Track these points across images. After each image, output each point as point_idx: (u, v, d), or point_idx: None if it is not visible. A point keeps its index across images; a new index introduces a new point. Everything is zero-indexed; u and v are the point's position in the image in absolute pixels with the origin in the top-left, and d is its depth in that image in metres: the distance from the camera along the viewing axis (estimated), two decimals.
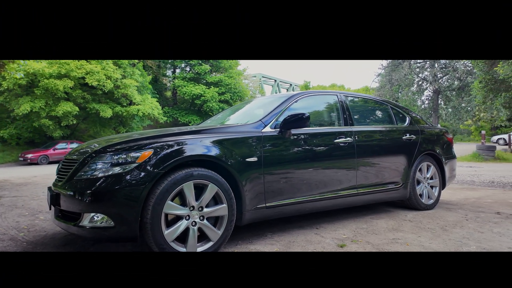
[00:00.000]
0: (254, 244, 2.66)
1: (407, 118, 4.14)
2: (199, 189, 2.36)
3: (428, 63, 28.26)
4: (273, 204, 2.73)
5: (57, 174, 2.64)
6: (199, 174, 2.33)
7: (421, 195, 3.92)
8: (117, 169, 2.17)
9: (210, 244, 2.37)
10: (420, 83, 30.09)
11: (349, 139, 3.27)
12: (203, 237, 2.38)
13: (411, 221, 3.39)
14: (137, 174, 2.15)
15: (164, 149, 2.29)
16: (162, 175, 2.22)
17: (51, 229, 3.20)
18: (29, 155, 16.02)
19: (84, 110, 18.92)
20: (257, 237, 2.84)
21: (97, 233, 2.15)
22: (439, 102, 29.53)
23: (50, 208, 2.52)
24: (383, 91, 29.92)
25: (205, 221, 2.35)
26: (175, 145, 2.34)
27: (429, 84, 29.25)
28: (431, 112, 29.54)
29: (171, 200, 2.23)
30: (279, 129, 2.84)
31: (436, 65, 28.05)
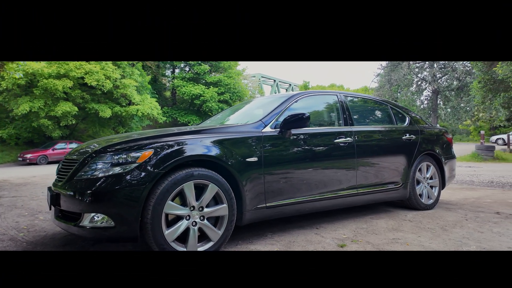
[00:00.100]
0: (254, 244, 2.66)
1: (407, 118, 4.15)
2: (199, 189, 2.36)
3: (427, 63, 28.31)
4: (274, 204, 2.73)
5: (57, 174, 2.63)
6: (199, 174, 2.33)
7: (421, 195, 3.92)
8: (118, 169, 2.17)
9: (210, 244, 2.37)
10: (419, 83, 30.14)
11: (349, 139, 3.27)
12: (203, 237, 2.38)
13: (411, 221, 3.39)
14: (138, 174, 2.15)
15: (164, 149, 2.29)
16: (162, 175, 2.21)
17: (50, 229, 3.19)
18: (28, 155, 16.00)
19: (83, 110, 18.90)
20: (257, 237, 2.84)
21: (97, 233, 2.14)
22: (438, 102, 29.58)
23: (50, 208, 2.52)
24: (382, 91, 29.98)
25: (205, 221, 2.35)
26: (175, 145, 2.34)
27: (428, 84, 29.30)
28: (430, 112, 29.60)
29: (172, 200, 2.23)
30: (279, 129, 2.84)
31: (435, 65, 28.12)
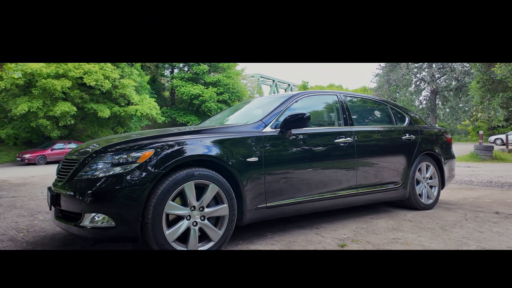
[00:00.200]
0: (254, 244, 2.66)
1: (407, 118, 4.16)
2: (200, 189, 2.35)
3: (425, 63, 28.36)
4: (274, 204, 2.73)
5: (57, 174, 2.63)
6: (200, 174, 2.33)
7: (421, 195, 3.93)
8: (118, 169, 2.16)
9: (211, 244, 2.37)
10: (418, 83, 30.20)
11: (349, 139, 3.27)
12: (204, 237, 2.38)
13: (411, 221, 3.40)
14: (138, 174, 2.15)
15: (165, 149, 2.28)
16: (163, 175, 2.21)
17: (50, 230, 3.19)
18: (27, 155, 15.95)
19: (82, 110, 18.86)
20: (258, 237, 2.84)
21: (98, 234, 2.14)
22: (437, 102, 29.65)
23: (50, 208, 2.51)
24: (381, 91, 30.04)
25: (206, 221, 2.35)
26: (175, 145, 2.34)
27: (426, 84, 29.37)
28: (428, 112, 29.66)
29: (172, 200, 2.23)
30: (279, 129, 2.84)
31: (433, 66, 28.17)
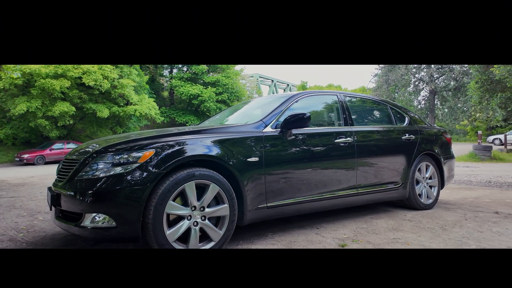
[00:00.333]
0: (255, 244, 2.66)
1: (406, 118, 4.16)
2: (200, 189, 2.35)
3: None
4: (274, 204, 2.73)
5: (57, 174, 2.62)
6: (200, 174, 2.33)
7: (420, 194, 3.94)
8: (119, 169, 2.16)
9: (211, 244, 2.37)
10: (416, 83, 30.25)
11: (349, 139, 3.28)
12: (204, 237, 2.38)
13: (411, 221, 3.40)
14: (139, 174, 2.15)
15: (165, 149, 2.28)
16: (164, 175, 2.21)
17: (50, 230, 3.18)
18: (26, 156, 15.91)
19: (81, 110, 18.81)
20: (258, 237, 2.84)
21: (98, 234, 2.14)
22: (436, 102, 29.71)
23: (50, 208, 2.51)
24: (379, 91, 30.07)
25: (206, 221, 2.35)
26: (176, 145, 2.34)
27: (425, 84, 29.41)
28: (427, 112, 29.71)
29: (173, 200, 2.23)
30: (280, 129, 2.84)
31: (432, 66, 28.20)
